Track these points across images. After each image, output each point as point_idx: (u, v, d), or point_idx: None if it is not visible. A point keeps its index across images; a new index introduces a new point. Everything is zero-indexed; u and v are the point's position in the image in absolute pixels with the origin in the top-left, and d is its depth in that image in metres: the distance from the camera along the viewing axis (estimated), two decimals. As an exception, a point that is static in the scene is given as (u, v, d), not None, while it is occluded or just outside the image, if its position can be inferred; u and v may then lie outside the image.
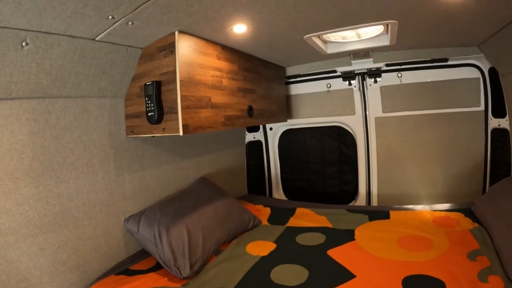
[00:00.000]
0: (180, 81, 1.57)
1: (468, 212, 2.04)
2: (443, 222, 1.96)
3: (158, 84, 1.63)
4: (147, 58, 1.70)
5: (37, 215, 1.43)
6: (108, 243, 1.74)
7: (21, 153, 1.38)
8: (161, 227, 1.74)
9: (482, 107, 2.44)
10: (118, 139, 1.81)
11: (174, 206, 1.93)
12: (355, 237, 1.89)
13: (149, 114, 1.67)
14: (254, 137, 3.21)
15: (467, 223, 1.90)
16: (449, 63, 2.45)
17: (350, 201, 2.97)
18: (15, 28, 1.18)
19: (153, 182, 2.05)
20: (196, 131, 1.66)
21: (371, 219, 2.14)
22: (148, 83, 1.65)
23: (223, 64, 1.92)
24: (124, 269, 1.69)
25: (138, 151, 1.93)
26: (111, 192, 1.77)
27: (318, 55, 2.41)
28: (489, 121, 2.41)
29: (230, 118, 1.97)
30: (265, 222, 2.29)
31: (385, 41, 2.17)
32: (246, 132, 3.17)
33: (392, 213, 2.19)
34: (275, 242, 1.94)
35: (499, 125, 2.33)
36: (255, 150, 3.23)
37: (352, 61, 2.61)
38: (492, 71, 2.32)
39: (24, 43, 1.24)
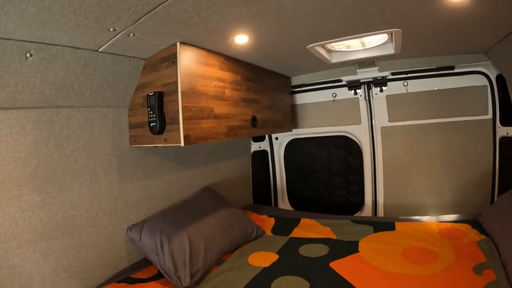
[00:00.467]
0: (182, 92, 1.59)
1: (475, 223, 1.99)
2: (449, 234, 1.92)
3: (160, 95, 1.65)
4: (150, 68, 1.73)
5: (40, 222, 1.45)
6: (110, 251, 1.76)
7: (25, 161, 1.41)
8: (163, 236, 1.75)
9: (490, 115, 2.39)
10: (122, 149, 1.84)
11: (176, 216, 1.94)
12: (359, 249, 1.86)
13: (151, 124, 1.69)
14: (259, 147, 3.21)
15: (474, 235, 1.85)
16: (456, 70, 2.41)
17: (356, 212, 2.92)
18: (19, 40, 1.22)
19: (157, 191, 2.06)
20: (198, 141, 1.67)
21: (376, 230, 2.10)
22: (150, 94, 1.68)
23: (226, 75, 1.93)
24: (125, 277, 1.70)
25: (141, 160, 1.96)
26: (114, 200, 1.79)
27: (323, 64, 2.40)
28: (497, 130, 2.36)
29: (233, 128, 1.97)
30: (268, 232, 2.27)
31: (390, 50, 2.15)
32: (252, 142, 3.17)
33: (397, 224, 2.15)
34: (277, 253, 1.92)
35: (507, 133, 2.27)
36: (261, 160, 3.23)
37: (358, 70, 2.60)
38: (500, 78, 2.28)
39: (28, 54, 1.28)
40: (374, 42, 2.15)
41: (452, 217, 2.21)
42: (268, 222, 2.45)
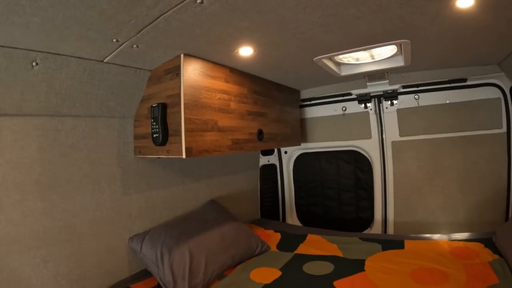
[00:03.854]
0: (185, 104, 1.59)
1: (488, 242, 1.90)
2: (461, 254, 1.83)
3: (163, 106, 1.66)
4: (155, 80, 1.75)
5: (42, 228, 1.46)
6: (111, 261, 1.75)
7: (30, 168, 1.44)
8: (164, 248, 1.73)
9: (504, 129, 2.30)
10: (126, 159, 1.85)
11: (179, 228, 1.92)
12: (365, 268, 1.78)
13: (154, 135, 1.69)
14: (268, 161, 3.17)
15: (487, 255, 1.77)
16: (468, 83, 2.33)
17: (366, 228, 2.83)
18: (25, 49, 1.25)
19: (160, 202, 2.05)
20: (201, 154, 1.66)
21: (384, 248, 2.02)
22: (154, 105, 1.69)
23: (231, 87, 1.93)
24: (125, 287, 1.69)
25: (146, 171, 1.96)
26: (117, 210, 1.79)
27: (332, 77, 2.38)
28: None
29: (238, 141, 1.95)
30: (274, 248, 2.21)
31: (400, 62, 2.10)
32: (260, 156, 3.14)
33: (407, 242, 2.07)
34: (280, 269, 1.86)
35: None
36: (269, 174, 3.18)
37: (368, 84, 2.55)
38: None
39: (34, 63, 1.31)
40: (383, 54, 2.11)
41: (464, 235, 2.12)
42: (274, 238, 2.39)
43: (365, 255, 1.94)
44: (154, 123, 1.68)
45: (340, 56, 2.08)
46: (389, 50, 2.02)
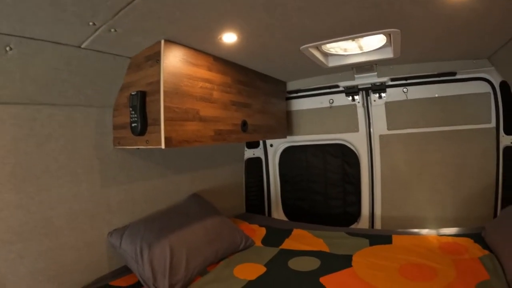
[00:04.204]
0: (164, 91, 1.50)
1: (477, 237, 1.88)
2: (450, 249, 1.81)
3: (142, 94, 1.57)
4: (135, 67, 1.66)
5: (17, 221, 1.39)
6: (90, 256, 1.68)
7: (4, 158, 1.36)
8: (143, 243, 1.67)
9: (493, 124, 2.29)
10: (105, 150, 1.77)
11: (160, 222, 1.85)
12: (353, 264, 1.74)
13: (133, 125, 1.60)
14: (253, 154, 3.10)
15: (476, 250, 1.74)
16: (458, 77, 2.31)
17: (353, 223, 2.80)
18: None
19: (141, 196, 1.98)
20: (181, 144, 1.58)
21: (372, 243, 1.99)
22: (133, 93, 1.60)
23: (214, 76, 1.84)
24: (104, 284, 1.63)
25: (126, 163, 1.88)
26: (96, 203, 1.72)
27: (319, 69, 2.32)
28: (501, 139, 2.26)
29: (221, 132, 1.87)
30: (258, 243, 2.15)
31: (389, 54, 2.06)
32: (245, 148, 3.06)
33: (395, 237, 2.03)
34: (265, 265, 1.80)
35: (511, 142, 2.18)
36: (255, 167, 3.11)
37: (355, 76, 2.51)
38: (504, 85, 2.19)
39: (8, 48, 1.22)
40: (372, 45, 2.06)
41: (453, 230, 2.09)
42: (259, 232, 2.33)
43: (352, 250, 1.90)
44: (133, 112, 1.59)
45: (328, 46, 2.02)
46: (378, 40, 1.98)
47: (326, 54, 2.20)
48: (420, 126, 2.48)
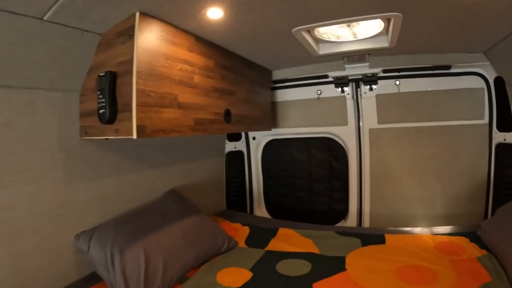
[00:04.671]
0: (138, 72, 1.28)
1: (473, 236, 1.81)
2: (447, 249, 1.72)
3: (112, 76, 1.35)
4: (106, 46, 1.44)
5: None
6: (55, 263, 1.49)
7: None
8: (115, 248, 1.46)
9: (486, 120, 2.24)
10: (70, 141, 1.54)
11: (133, 224, 1.65)
12: (346, 267, 1.61)
13: (101, 111, 1.37)
14: (235, 147, 2.90)
15: (474, 250, 1.67)
16: (452, 71, 2.24)
17: (340, 221, 2.68)
18: None
19: (112, 193, 1.76)
20: (156, 134, 1.36)
21: (364, 244, 1.87)
22: (101, 74, 1.37)
23: (196, 58, 1.63)
24: None
25: (94, 156, 1.66)
26: (60, 203, 1.51)
27: (309, 56, 2.16)
28: (494, 136, 2.22)
29: (202, 122, 1.67)
30: (242, 244, 1.98)
31: (384, 42, 1.94)
32: (227, 141, 2.86)
33: (387, 237, 1.93)
34: (251, 270, 1.63)
35: (505, 139, 2.15)
36: (236, 162, 2.91)
37: (346, 66, 2.37)
38: (498, 81, 2.14)
39: None
40: (367, 33, 1.92)
41: (447, 229, 2.02)
42: (242, 232, 2.16)
43: (344, 252, 1.77)
44: (101, 96, 1.36)
45: (321, 31, 1.86)
46: (374, 27, 1.83)
47: (317, 41, 2.04)
48: (412, 120, 2.39)
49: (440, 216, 2.37)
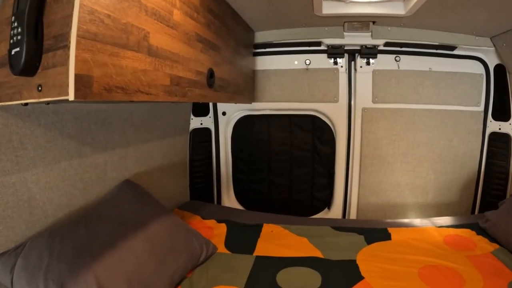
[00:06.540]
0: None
1: (476, 228, 1.69)
2: (457, 244, 1.56)
3: (38, -12, 0.76)
4: None
5: None
6: None
7: None
8: (50, 282, 0.95)
9: (481, 108, 2.15)
10: None
11: (77, 237, 1.13)
12: (363, 274, 1.30)
13: (14, 51, 0.78)
14: (201, 123, 2.38)
15: (484, 244, 1.54)
16: (455, 52, 2.10)
17: (322, 210, 2.40)
18: None
19: (42, 192, 1.18)
20: (110, 95, 0.80)
21: (369, 240, 1.60)
22: (19, -10, 0.77)
23: (177, -14, 1.09)
24: None
25: (12, 136, 1.06)
26: None
27: (306, 15, 1.77)
28: (488, 124, 2.15)
29: (180, 82, 1.15)
30: (222, 248, 1.54)
31: (400, 9, 1.68)
32: (192, 116, 2.33)
33: (391, 231, 1.69)
34: (245, 287, 1.21)
35: (499, 129, 2.08)
36: (202, 141, 2.39)
37: (345, 33, 2.01)
38: (499, 68, 2.04)
39: None
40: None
41: (446, 220, 1.85)
42: (218, 231, 1.72)
43: (351, 253, 1.47)
44: (16, 25, 0.77)
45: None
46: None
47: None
48: (409, 102, 2.16)
49: (431, 205, 2.25)
